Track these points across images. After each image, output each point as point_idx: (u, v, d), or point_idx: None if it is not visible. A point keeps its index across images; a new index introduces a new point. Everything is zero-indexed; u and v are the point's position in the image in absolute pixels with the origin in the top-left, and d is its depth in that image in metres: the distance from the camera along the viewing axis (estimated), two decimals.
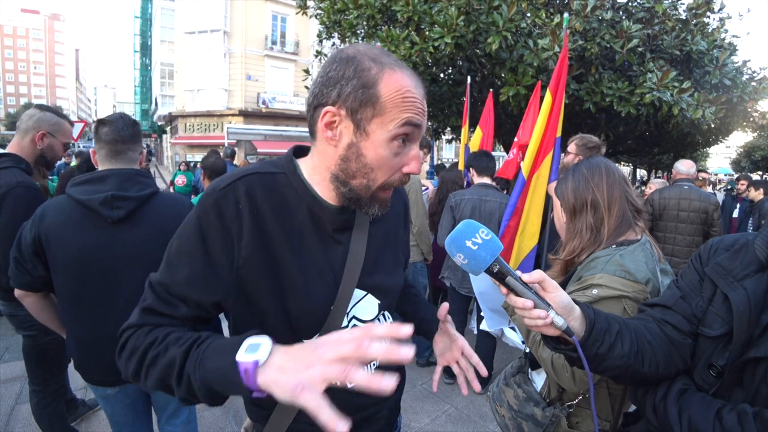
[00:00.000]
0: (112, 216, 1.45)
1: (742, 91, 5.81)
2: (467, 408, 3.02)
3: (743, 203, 6.34)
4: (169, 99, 27.36)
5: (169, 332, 0.73)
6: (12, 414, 2.73)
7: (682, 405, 0.84)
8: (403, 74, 0.75)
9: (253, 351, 0.59)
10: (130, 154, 1.58)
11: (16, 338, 3.55)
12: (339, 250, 0.85)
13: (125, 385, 1.58)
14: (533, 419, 1.28)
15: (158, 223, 1.54)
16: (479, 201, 3.05)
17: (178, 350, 0.68)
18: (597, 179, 1.28)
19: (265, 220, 0.78)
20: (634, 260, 1.15)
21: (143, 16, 32.76)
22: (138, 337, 0.74)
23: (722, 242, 0.96)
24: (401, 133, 0.74)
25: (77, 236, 1.45)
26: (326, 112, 0.75)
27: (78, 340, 1.52)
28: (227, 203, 0.76)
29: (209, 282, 0.76)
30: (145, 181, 1.57)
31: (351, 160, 0.77)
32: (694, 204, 3.68)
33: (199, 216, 0.77)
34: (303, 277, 0.81)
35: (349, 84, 0.73)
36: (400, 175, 0.79)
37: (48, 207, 1.49)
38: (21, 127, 1.98)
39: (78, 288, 1.48)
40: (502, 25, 4.66)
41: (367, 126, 0.74)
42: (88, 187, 1.48)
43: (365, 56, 0.75)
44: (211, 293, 0.77)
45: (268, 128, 23.67)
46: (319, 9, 6.92)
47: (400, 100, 0.73)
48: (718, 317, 0.87)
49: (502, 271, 0.77)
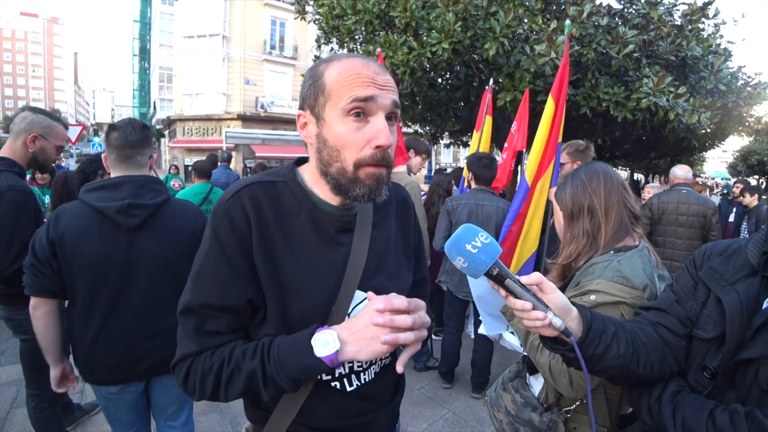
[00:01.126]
0: (128, 223, 1.49)
1: (738, 96, 5.85)
2: (465, 413, 3.01)
3: (739, 207, 6.37)
4: (168, 103, 27.42)
5: (231, 350, 0.80)
6: (7, 418, 2.71)
7: (676, 405, 0.86)
8: (349, 60, 0.80)
9: (327, 344, 0.75)
10: (139, 159, 1.61)
11: (12, 342, 3.54)
12: (341, 251, 0.87)
13: (128, 384, 1.60)
14: (531, 424, 1.28)
15: (171, 229, 1.60)
16: (476, 205, 3.07)
17: (252, 363, 0.77)
18: (595, 185, 1.29)
19: (268, 225, 0.82)
20: (632, 266, 1.16)
21: (142, 20, 32.86)
22: (204, 363, 0.80)
23: (716, 247, 0.98)
24: (350, 108, 0.77)
25: (93, 242, 1.48)
26: (298, 116, 0.86)
27: (90, 339, 1.53)
28: (235, 212, 0.81)
29: (237, 284, 0.80)
30: (158, 188, 1.62)
31: (322, 150, 0.82)
32: (693, 208, 3.70)
33: (214, 230, 0.82)
34: (303, 278, 0.83)
35: (306, 84, 0.84)
36: (371, 150, 0.78)
37: (63, 212, 1.51)
38: (13, 130, 1.96)
39: (93, 290, 1.50)
40: (499, 31, 4.69)
41: (322, 113, 0.81)
42: (103, 193, 1.52)
43: (321, 61, 0.85)
44: (243, 293, 0.81)
45: (266, 132, 23.73)
46: (317, 14, 6.95)
47: (343, 80, 0.78)
48: (711, 320, 0.88)
49: (501, 273, 0.78)
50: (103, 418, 1.71)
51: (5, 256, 1.76)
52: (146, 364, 1.59)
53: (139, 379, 1.62)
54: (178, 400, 1.77)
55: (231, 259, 0.80)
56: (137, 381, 1.62)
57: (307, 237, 0.85)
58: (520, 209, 3.02)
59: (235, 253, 0.80)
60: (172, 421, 1.79)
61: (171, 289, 1.58)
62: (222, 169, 6.17)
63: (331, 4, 6.30)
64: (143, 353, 1.57)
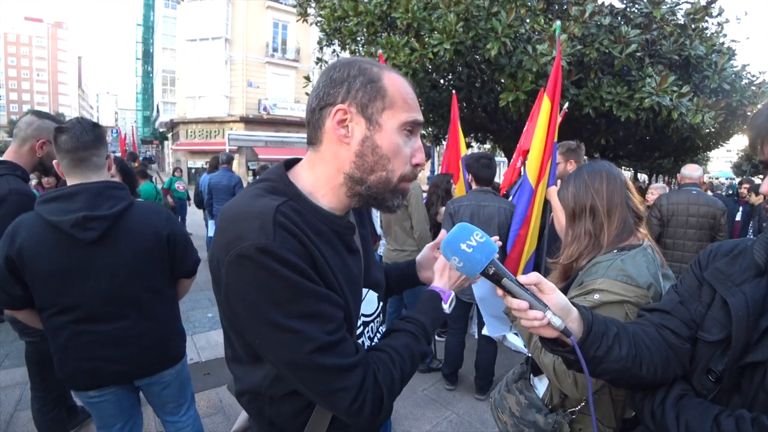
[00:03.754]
0: (85, 238, 1.41)
1: (742, 95, 5.81)
2: (468, 414, 3.00)
3: (745, 207, 6.34)
4: (171, 106, 27.54)
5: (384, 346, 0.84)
6: (11, 421, 2.72)
7: (680, 410, 0.84)
8: (398, 76, 0.82)
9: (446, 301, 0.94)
10: (95, 160, 1.50)
11: (16, 345, 3.55)
12: (358, 256, 0.90)
13: (109, 388, 1.57)
14: (536, 426, 1.27)
15: (134, 237, 1.51)
16: (477, 206, 3.06)
17: (407, 341, 0.85)
18: (597, 185, 1.28)
19: (311, 245, 0.74)
20: (636, 265, 1.15)
21: (145, 24, 33.04)
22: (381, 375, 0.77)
23: (721, 247, 0.96)
24: (409, 126, 0.80)
25: (53, 257, 1.41)
26: (338, 110, 0.77)
27: (62, 346, 1.49)
28: (290, 244, 0.70)
29: (329, 293, 0.75)
30: (117, 194, 1.50)
31: (367, 154, 0.78)
32: (703, 209, 3.65)
33: (277, 269, 0.67)
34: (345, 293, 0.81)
35: (357, 80, 0.77)
36: (410, 167, 0.83)
37: (20, 226, 1.43)
38: (19, 135, 1.95)
39: (57, 302, 1.45)
40: (501, 31, 4.68)
41: (379, 118, 0.78)
42: (56, 205, 1.42)
43: (363, 60, 0.82)
44: (338, 298, 0.78)
45: (269, 135, 23.81)
46: (319, 16, 6.97)
47: (405, 96, 0.80)
48: (716, 322, 0.86)
49: (498, 273, 0.77)
50: None
51: None
52: (122, 370, 1.56)
53: (117, 383, 1.58)
54: (173, 397, 1.77)
55: (311, 278, 0.71)
56: (115, 385, 1.58)
57: (335, 253, 0.81)
58: (527, 212, 3.00)
59: (310, 272, 0.71)
60: (172, 416, 1.81)
61: (140, 294, 1.55)
62: (223, 171, 6.05)
63: (333, 6, 6.32)
64: (118, 360, 1.53)
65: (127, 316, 1.53)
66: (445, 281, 0.95)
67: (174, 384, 1.74)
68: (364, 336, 0.93)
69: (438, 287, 0.94)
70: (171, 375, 1.71)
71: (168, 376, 1.70)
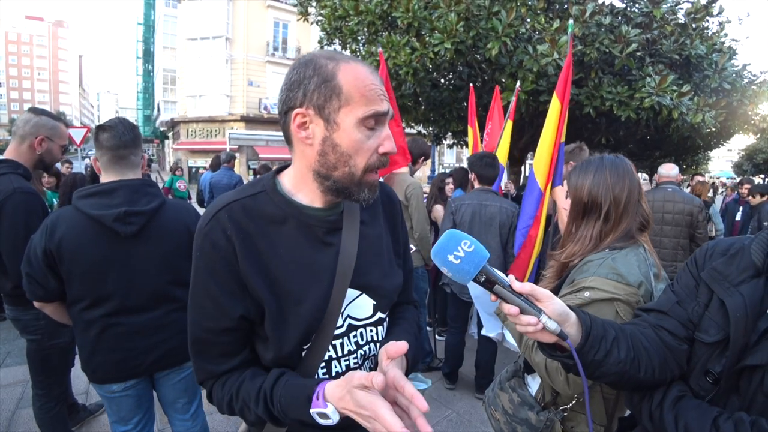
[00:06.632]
0: (126, 231, 1.49)
1: (742, 94, 5.80)
2: (468, 413, 3.01)
3: (746, 206, 6.34)
4: (172, 105, 27.55)
5: (238, 387, 0.84)
6: (13, 419, 2.73)
7: (679, 412, 0.83)
8: (357, 65, 0.80)
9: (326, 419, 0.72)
10: (133, 159, 1.59)
11: (18, 343, 3.56)
12: (331, 251, 0.87)
13: (130, 381, 1.62)
14: (528, 423, 1.28)
15: (169, 233, 1.60)
16: (479, 206, 3.05)
17: (258, 408, 0.80)
18: (618, 190, 1.23)
19: (251, 239, 0.82)
20: (627, 264, 1.15)
21: (146, 23, 33.03)
22: (217, 392, 0.87)
23: (718, 246, 0.95)
24: (369, 119, 0.79)
25: (92, 251, 1.47)
26: (296, 114, 0.80)
27: (93, 338, 1.54)
28: (215, 233, 0.82)
29: (229, 302, 0.82)
30: (152, 191, 1.60)
31: (328, 153, 0.80)
32: (678, 206, 3.66)
33: (197, 255, 0.83)
34: (298, 284, 0.84)
35: (312, 82, 0.78)
36: (377, 156, 0.82)
37: (58, 220, 1.48)
38: (18, 133, 1.96)
39: (93, 294, 1.51)
40: (502, 30, 4.68)
41: (336, 117, 0.78)
42: (97, 200, 1.49)
43: (321, 57, 0.80)
44: (235, 311, 0.82)
45: (269, 134, 23.78)
46: (320, 15, 6.96)
47: (362, 89, 0.78)
48: (714, 323, 0.86)
49: (489, 279, 0.77)
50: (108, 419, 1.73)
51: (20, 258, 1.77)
52: (149, 361, 1.60)
53: (140, 375, 1.63)
54: (186, 393, 1.79)
55: (219, 279, 0.81)
56: (139, 378, 1.64)
57: (295, 243, 0.85)
58: (536, 214, 2.98)
59: (222, 273, 0.81)
60: (182, 414, 1.82)
61: (171, 286, 1.61)
62: (224, 170, 6.07)
63: (334, 6, 6.31)
64: (145, 350, 1.59)
65: (158, 308, 1.59)
66: (338, 397, 0.71)
67: (190, 377, 1.77)
68: (349, 339, 0.91)
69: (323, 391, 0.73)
70: (190, 367, 1.74)
71: (187, 368, 1.74)
